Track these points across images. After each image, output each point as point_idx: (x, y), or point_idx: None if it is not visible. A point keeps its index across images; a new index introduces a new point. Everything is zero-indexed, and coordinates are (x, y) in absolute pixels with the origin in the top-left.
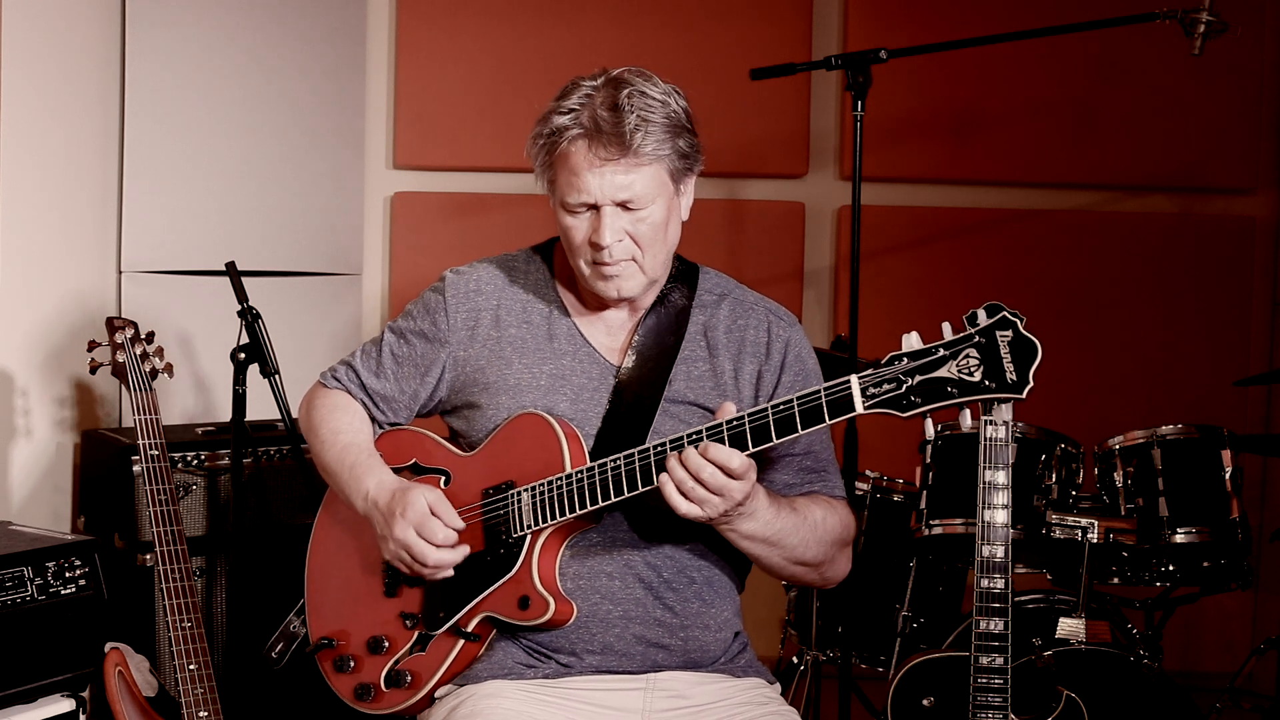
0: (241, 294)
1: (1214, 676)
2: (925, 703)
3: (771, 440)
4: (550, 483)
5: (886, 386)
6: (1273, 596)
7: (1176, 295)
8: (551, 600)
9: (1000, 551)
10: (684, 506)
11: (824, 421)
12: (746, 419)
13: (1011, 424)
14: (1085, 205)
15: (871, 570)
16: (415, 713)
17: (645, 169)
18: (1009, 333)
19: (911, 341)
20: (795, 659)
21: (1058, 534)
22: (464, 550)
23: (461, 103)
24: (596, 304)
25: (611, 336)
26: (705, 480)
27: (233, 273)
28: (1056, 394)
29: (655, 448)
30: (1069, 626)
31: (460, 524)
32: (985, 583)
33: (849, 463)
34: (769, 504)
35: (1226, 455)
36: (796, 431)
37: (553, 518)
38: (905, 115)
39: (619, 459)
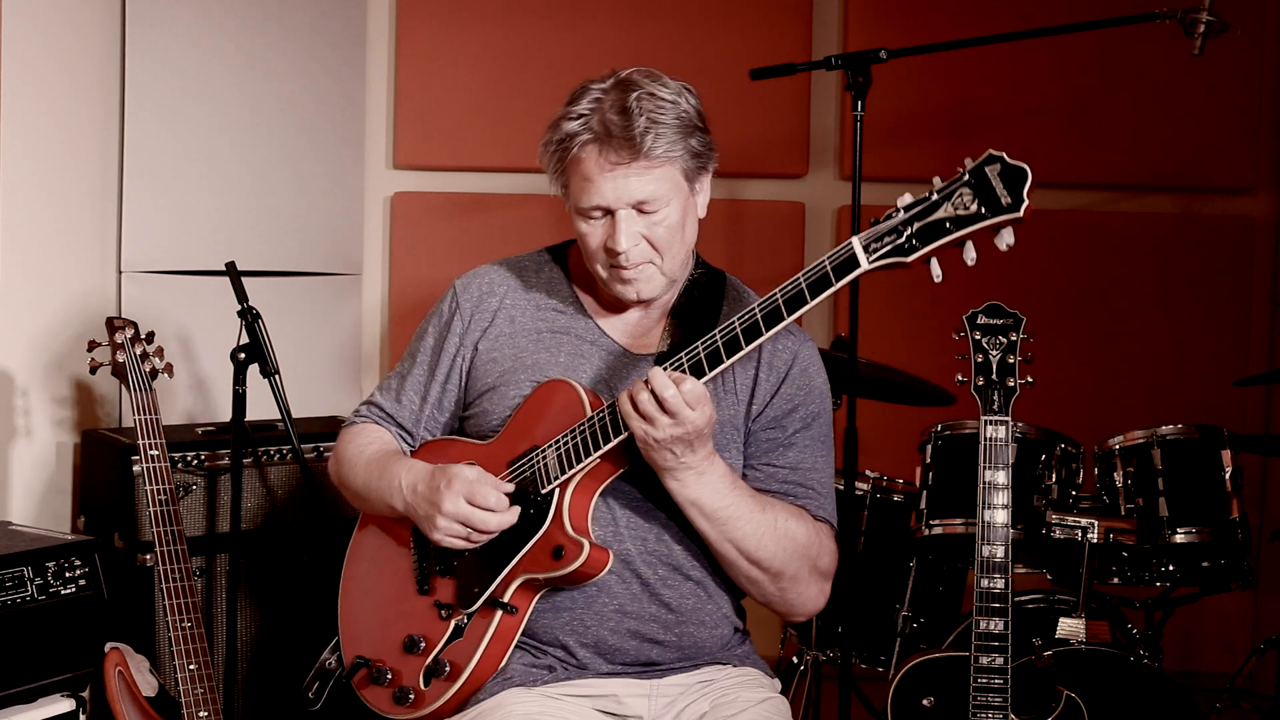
0: (241, 294)
1: (1214, 676)
2: (925, 703)
3: (784, 319)
4: (572, 431)
5: (887, 239)
6: (1273, 596)
7: (1176, 295)
8: (585, 543)
9: (1000, 551)
10: (636, 424)
11: (832, 286)
12: (757, 307)
13: (1011, 424)
14: (1085, 205)
15: (871, 570)
16: (455, 706)
17: (658, 171)
18: (997, 165)
19: (905, 199)
20: (795, 659)
21: (1058, 534)
22: (517, 510)
23: (461, 103)
24: (616, 304)
25: (631, 334)
26: (666, 400)
27: (233, 273)
28: (1056, 394)
29: (669, 364)
30: (1069, 626)
31: (508, 486)
32: (985, 583)
33: (849, 463)
34: (725, 474)
35: (1226, 455)
36: (807, 303)
37: (578, 462)
38: (905, 115)
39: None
